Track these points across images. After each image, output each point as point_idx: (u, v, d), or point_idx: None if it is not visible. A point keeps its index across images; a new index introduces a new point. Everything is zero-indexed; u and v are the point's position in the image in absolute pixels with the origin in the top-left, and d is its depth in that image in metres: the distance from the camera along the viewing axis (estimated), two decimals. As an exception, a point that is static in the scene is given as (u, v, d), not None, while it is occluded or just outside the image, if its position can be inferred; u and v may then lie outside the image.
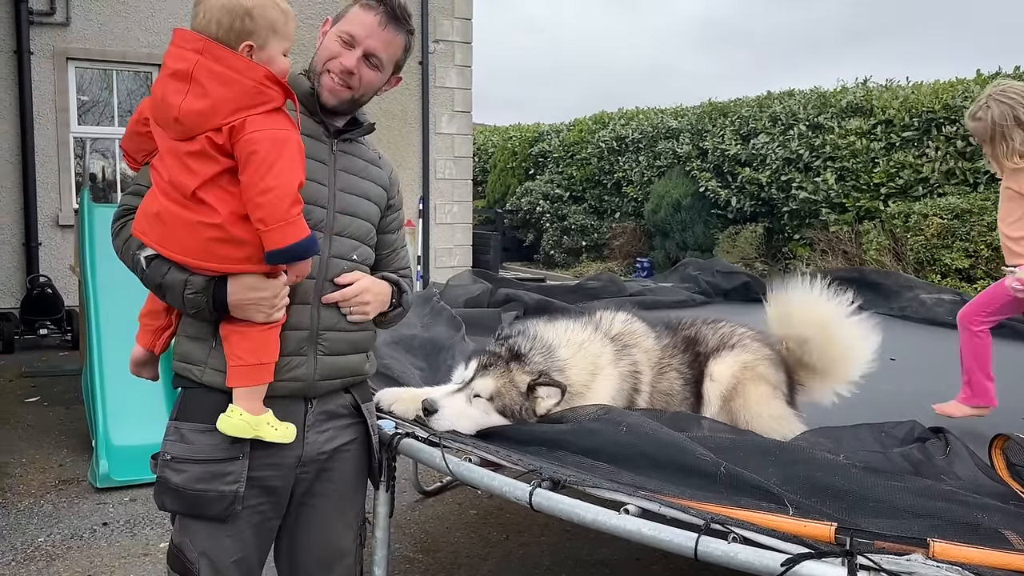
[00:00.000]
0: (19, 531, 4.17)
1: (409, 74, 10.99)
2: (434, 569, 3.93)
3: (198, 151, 1.76)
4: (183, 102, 1.73)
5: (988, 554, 1.55)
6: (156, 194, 1.82)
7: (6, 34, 8.85)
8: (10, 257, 9.07)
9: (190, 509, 1.96)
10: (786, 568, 1.57)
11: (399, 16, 2.09)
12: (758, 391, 2.67)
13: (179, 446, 1.95)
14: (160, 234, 1.80)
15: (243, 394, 1.90)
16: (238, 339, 1.88)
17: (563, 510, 1.85)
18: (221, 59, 1.76)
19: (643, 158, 15.29)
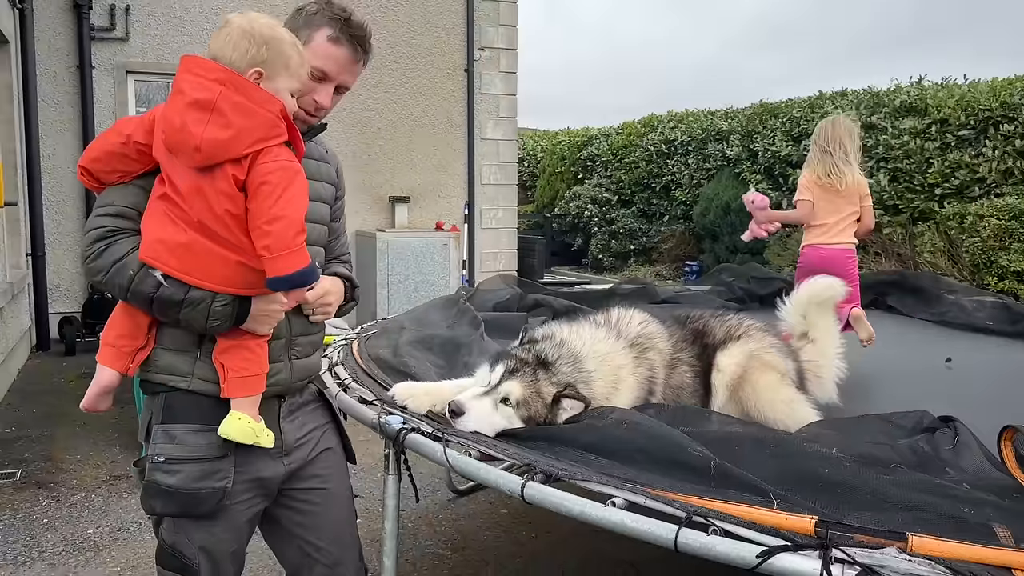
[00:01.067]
0: (70, 523, 4.38)
1: (455, 81, 11.15)
2: (462, 566, 4.00)
3: (226, 191, 1.82)
4: (205, 131, 1.78)
5: (967, 548, 1.55)
6: (178, 226, 1.84)
7: (70, 50, 9.25)
8: (73, 264, 9.45)
9: (183, 509, 1.98)
10: (761, 560, 1.59)
11: (366, 47, 2.14)
12: (766, 378, 2.68)
13: (172, 447, 1.97)
14: (188, 264, 1.85)
15: (245, 403, 1.98)
16: (237, 352, 1.97)
17: (553, 502, 1.90)
18: (243, 90, 1.82)
19: (692, 161, 15.19)
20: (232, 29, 1.88)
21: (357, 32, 2.10)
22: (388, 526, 2.43)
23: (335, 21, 2.07)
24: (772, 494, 1.78)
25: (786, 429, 2.53)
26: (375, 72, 10.51)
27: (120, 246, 1.89)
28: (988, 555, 1.53)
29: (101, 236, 1.90)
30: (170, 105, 1.84)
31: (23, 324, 8.22)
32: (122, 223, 1.92)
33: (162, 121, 1.84)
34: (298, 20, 2.11)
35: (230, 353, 1.96)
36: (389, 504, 2.42)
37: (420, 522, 4.49)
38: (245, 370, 1.97)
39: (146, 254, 1.86)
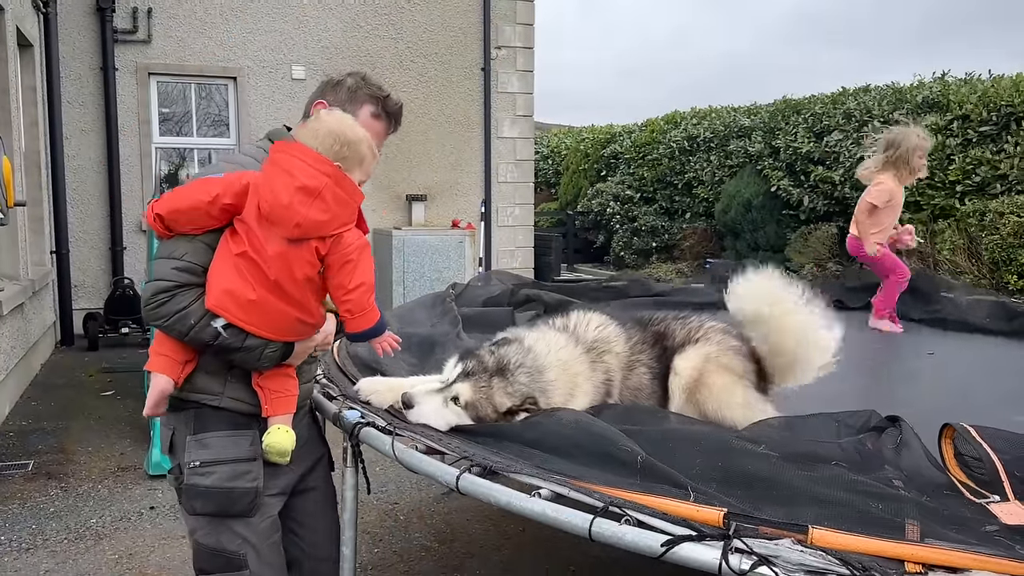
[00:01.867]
0: (75, 512, 4.54)
1: (471, 80, 11.23)
2: (448, 558, 4.09)
3: (308, 259, 2.12)
4: (308, 212, 2.08)
5: (862, 541, 1.59)
6: (248, 283, 2.10)
7: (93, 52, 9.50)
8: (98, 260, 9.72)
9: (220, 507, 2.23)
10: (665, 549, 1.65)
11: (400, 122, 2.51)
12: (722, 380, 2.69)
13: (205, 452, 2.23)
14: (253, 317, 2.12)
15: (283, 420, 2.30)
16: (275, 378, 2.30)
17: (483, 493, 1.97)
18: (343, 185, 2.14)
19: (714, 157, 15.11)
20: (321, 127, 2.18)
21: (394, 109, 2.47)
22: (347, 517, 2.51)
23: (376, 99, 2.42)
24: (690, 487, 1.83)
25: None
26: (393, 71, 10.64)
27: (182, 298, 2.11)
28: (882, 548, 1.57)
29: (166, 289, 2.12)
30: (278, 182, 2.10)
31: (47, 320, 8.47)
32: (187, 278, 2.13)
33: (267, 194, 2.09)
34: (340, 94, 2.43)
35: (270, 379, 2.28)
36: (348, 496, 2.51)
37: (412, 515, 4.59)
38: (285, 391, 2.30)
39: (214, 303, 2.10)
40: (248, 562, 2.27)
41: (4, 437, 5.81)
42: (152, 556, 4.02)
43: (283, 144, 2.18)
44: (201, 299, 2.11)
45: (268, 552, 2.32)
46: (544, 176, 20.99)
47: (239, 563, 2.26)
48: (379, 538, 4.29)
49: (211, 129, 10.42)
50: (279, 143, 2.20)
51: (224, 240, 2.13)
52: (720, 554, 1.60)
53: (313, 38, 10.41)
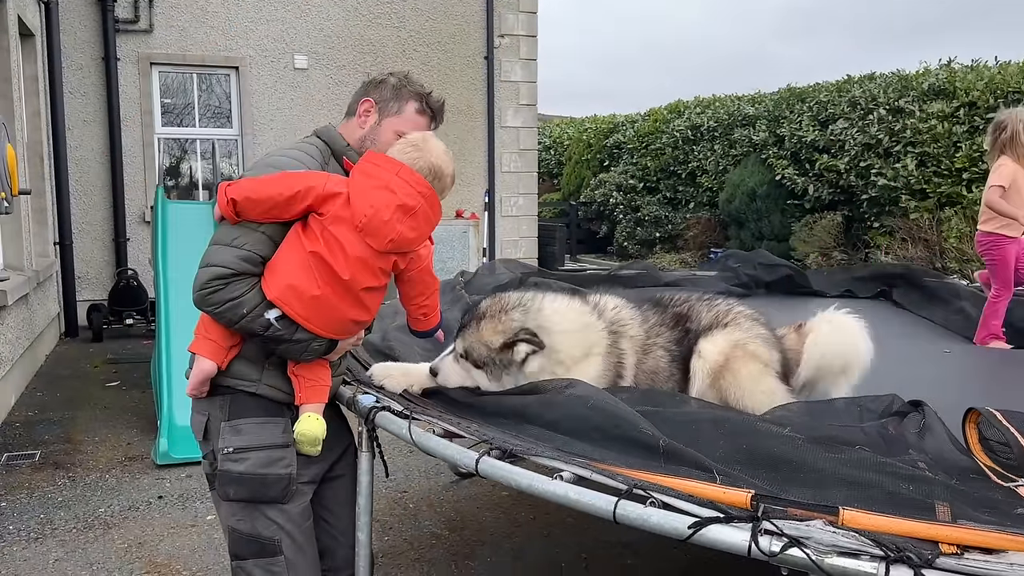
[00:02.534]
0: (83, 502, 4.52)
1: (474, 69, 11.18)
2: (459, 545, 4.06)
3: (385, 269, 2.25)
4: (403, 229, 2.19)
5: (896, 523, 1.56)
6: (314, 280, 2.15)
7: (95, 42, 9.44)
8: (101, 252, 9.69)
9: (254, 493, 2.26)
10: (693, 531, 1.62)
11: (442, 118, 2.57)
12: (748, 368, 2.66)
13: (238, 439, 2.26)
14: (311, 313, 2.18)
15: (315, 408, 2.34)
16: (315, 368, 2.35)
17: (504, 476, 1.94)
18: (433, 206, 2.27)
19: (718, 147, 15.05)
20: (421, 155, 2.29)
21: (437, 106, 2.53)
22: (362, 502, 2.49)
23: (420, 96, 2.48)
24: (716, 470, 1.80)
25: None
26: (395, 60, 10.58)
27: (237, 286, 2.15)
28: (916, 529, 1.55)
29: (223, 276, 2.15)
30: (377, 197, 2.18)
31: (51, 311, 8.44)
32: (246, 267, 2.17)
33: (365, 207, 2.17)
34: (385, 92, 2.47)
35: (306, 368, 2.32)
36: (363, 480, 2.48)
37: (421, 503, 4.56)
38: (318, 380, 2.35)
39: (277, 296, 2.15)
40: (283, 548, 2.30)
41: (11, 428, 5.79)
42: (161, 545, 4.00)
43: (381, 157, 2.25)
44: (255, 289, 2.15)
45: (302, 538, 2.35)
46: (547, 166, 20.93)
47: (274, 549, 2.29)
48: (389, 526, 4.27)
49: (213, 119, 10.37)
50: (373, 155, 2.28)
51: (295, 235, 2.18)
52: (749, 536, 1.57)
53: (315, 27, 10.34)
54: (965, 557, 1.48)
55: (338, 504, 2.58)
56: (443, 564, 3.87)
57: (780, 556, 1.55)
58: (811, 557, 1.51)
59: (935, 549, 1.50)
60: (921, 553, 1.48)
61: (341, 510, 2.58)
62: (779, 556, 1.54)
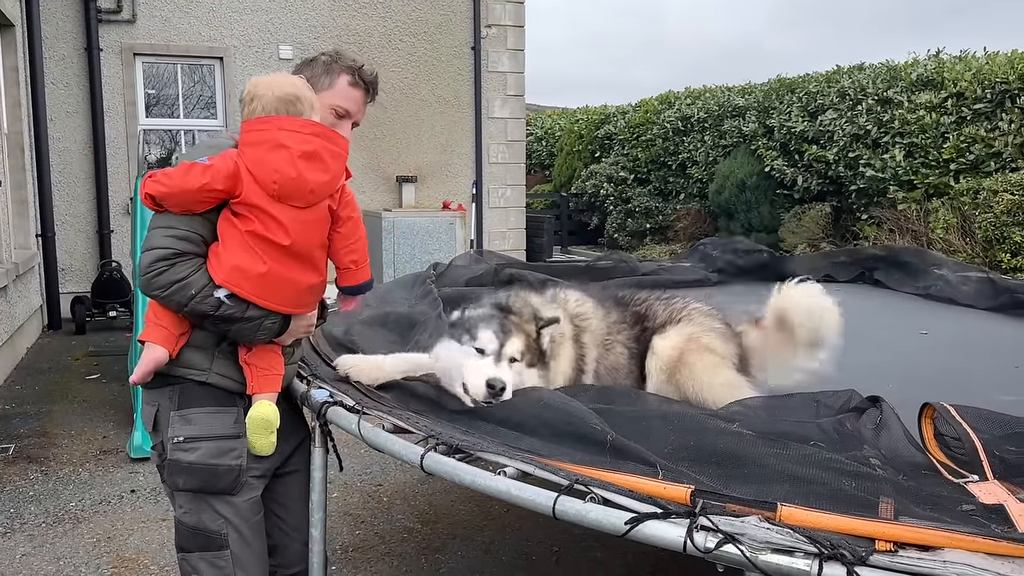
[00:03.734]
0: (54, 496, 4.49)
1: (462, 59, 11.12)
2: (431, 539, 4.05)
3: (323, 219, 2.19)
4: (315, 176, 2.13)
5: (833, 519, 1.53)
6: (258, 256, 2.11)
7: (77, 32, 9.37)
8: (85, 244, 9.64)
9: (204, 484, 2.21)
10: (630, 527, 1.60)
11: (376, 90, 2.51)
12: (703, 361, 2.63)
13: (189, 428, 2.22)
14: (261, 290, 2.14)
15: (268, 398, 2.29)
16: (263, 355, 2.28)
17: (448, 472, 1.92)
18: (333, 140, 2.20)
19: (708, 138, 15.00)
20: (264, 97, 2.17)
21: (370, 78, 2.48)
22: (315, 497, 2.46)
23: (351, 70, 2.44)
24: (660, 465, 1.78)
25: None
26: (381, 51, 10.52)
27: (181, 268, 2.10)
28: (853, 525, 1.52)
29: (165, 257, 2.10)
30: (276, 158, 2.11)
31: (32, 304, 8.39)
32: (185, 246, 2.12)
33: (270, 172, 2.10)
34: (316, 68, 2.42)
35: (257, 356, 2.27)
36: (316, 476, 2.46)
37: (396, 496, 4.55)
38: (270, 369, 2.29)
39: (224, 279, 2.11)
40: (229, 541, 2.25)
41: (-14, 421, 5.76)
42: (130, 539, 3.97)
43: (256, 121, 2.16)
44: (201, 270, 2.11)
45: (249, 533, 2.29)
46: (538, 158, 20.88)
47: (220, 542, 2.24)
48: (361, 520, 4.25)
49: (198, 110, 10.31)
50: (250, 122, 2.19)
51: (225, 221, 2.14)
52: (685, 532, 1.55)
53: (300, 17, 10.28)
54: (899, 554, 1.45)
55: (291, 499, 2.54)
56: (413, 558, 3.85)
57: (715, 553, 1.52)
58: (745, 554, 1.49)
59: (870, 546, 1.48)
60: (855, 550, 1.46)
61: (294, 505, 2.55)
62: (714, 552, 1.52)
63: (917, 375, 3.39)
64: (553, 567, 3.76)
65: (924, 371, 3.48)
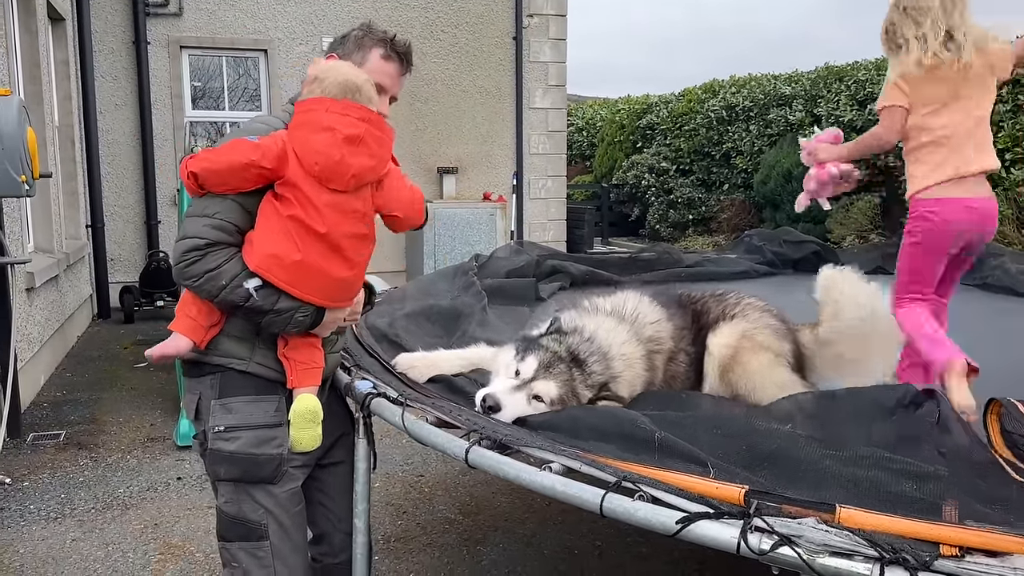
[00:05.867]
0: (103, 482, 4.57)
1: (503, 50, 11.06)
2: (472, 530, 4.03)
3: (362, 207, 2.16)
4: (359, 161, 2.10)
5: (894, 522, 1.48)
6: (294, 243, 2.07)
7: (125, 25, 9.50)
8: (133, 235, 9.80)
9: (245, 473, 2.20)
10: (681, 527, 1.55)
11: (411, 60, 2.44)
12: (758, 359, 2.55)
13: (230, 417, 2.21)
14: (295, 278, 2.09)
15: (308, 391, 2.25)
16: (302, 349, 2.25)
17: (491, 466, 1.90)
18: (379, 126, 2.16)
19: (753, 127, 14.77)
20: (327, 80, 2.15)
21: (402, 49, 2.40)
22: (359, 488, 2.45)
23: (383, 42, 2.36)
24: (711, 464, 1.73)
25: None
26: (424, 42, 10.51)
27: (214, 257, 2.08)
28: (916, 529, 1.46)
29: (198, 247, 2.08)
30: (320, 140, 2.08)
31: (82, 293, 8.56)
32: (220, 236, 2.10)
33: (313, 154, 2.08)
34: (347, 46, 2.37)
35: (296, 350, 2.23)
36: (360, 467, 2.45)
37: (437, 487, 4.54)
38: (310, 362, 2.25)
39: (258, 265, 2.07)
40: (269, 532, 2.23)
41: (38, 408, 5.88)
42: (177, 526, 4.02)
43: (308, 102, 2.14)
44: (234, 259, 2.09)
45: (290, 524, 2.28)
46: (579, 149, 20.75)
47: (260, 533, 2.23)
48: (403, 510, 4.25)
49: (243, 102, 10.41)
50: (301, 103, 2.17)
51: (268, 204, 2.11)
52: (739, 533, 1.50)
53: (343, 9, 10.30)
54: (966, 560, 1.39)
55: (336, 490, 2.54)
56: (455, 549, 3.84)
57: (770, 555, 1.47)
58: (802, 556, 1.44)
59: (934, 550, 1.42)
60: (919, 554, 1.40)
61: (339, 496, 2.54)
62: (769, 554, 1.47)
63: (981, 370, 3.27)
64: (596, 561, 3.72)
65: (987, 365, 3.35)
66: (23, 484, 4.52)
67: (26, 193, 4.61)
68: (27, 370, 5.84)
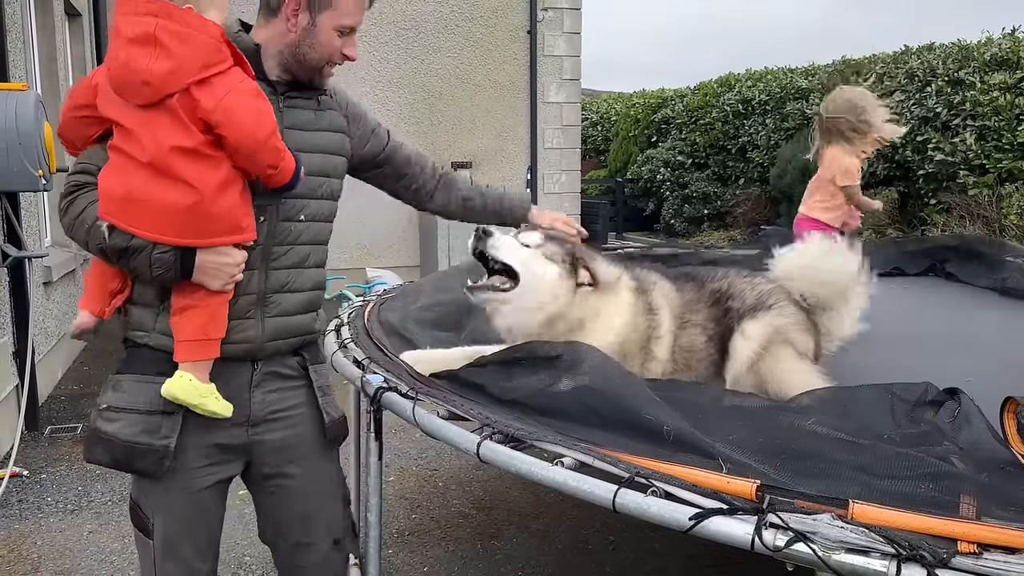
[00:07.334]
0: (120, 475, 4.55)
1: (517, 44, 11.04)
2: (486, 525, 4.03)
3: (175, 122, 1.79)
4: (150, 65, 1.76)
5: (910, 518, 1.45)
6: (121, 175, 1.82)
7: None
8: (149, 229, 9.85)
9: (121, 461, 1.96)
10: (694, 522, 1.54)
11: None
12: (787, 354, 2.55)
13: (115, 395, 1.98)
14: (132, 216, 1.82)
15: (191, 366, 1.93)
16: (190, 314, 1.92)
17: (503, 461, 1.88)
18: (177, 18, 1.79)
19: (770, 121, 14.66)
20: None
21: None
22: (371, 483, 2.45)
23: None
24: (722, 458, 1.71)
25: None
26: (437, 36, 10.50)
27: (80, 201, 1.91)
28: (932, 525, 1.44)
29: (67, 192, 1.94)
30: (111, 49, 1.82)
31: (100, 287, 8.61)
32: (84, 179, 1.93)
33: (107, 67, 1.84)
34: None
35: (184, 315, 1.93)
36: (372, 461, 2.44)
37: (451, 482, 4.55)
38: (198, 334, 1.93)
39: (101, 210, 1.86)
40: (153, 532, 2.02)
41: (55, 401, 5.93)
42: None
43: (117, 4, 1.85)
44: (96, 203, 1.87)
45: (177, 532, 2.02)
46: (593, 143, 20.69)
47: (147, 528, 2.02)
48: (417, 504, 4.26)
49: (258, 97, 10.42)
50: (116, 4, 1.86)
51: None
52: (753, 529, 1.48)
53: (357, 3, 10.31)
54: (984, 557, 1.37)
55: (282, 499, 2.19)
56: (469, 543, 3.84)
57: (785, 551, 1.45)
58: (817, 553, 1.42)
59: (952, 547, 1.39)
60: (936, 551, 1.37)
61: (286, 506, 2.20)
62: (784, 551, 1.45)
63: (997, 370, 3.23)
64: (609, 556, 3.71)
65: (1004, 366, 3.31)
66: (41, 476, 4.56)
67: (43, 187, 4.63)
68: (44, 363, 5.89)
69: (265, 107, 1.89)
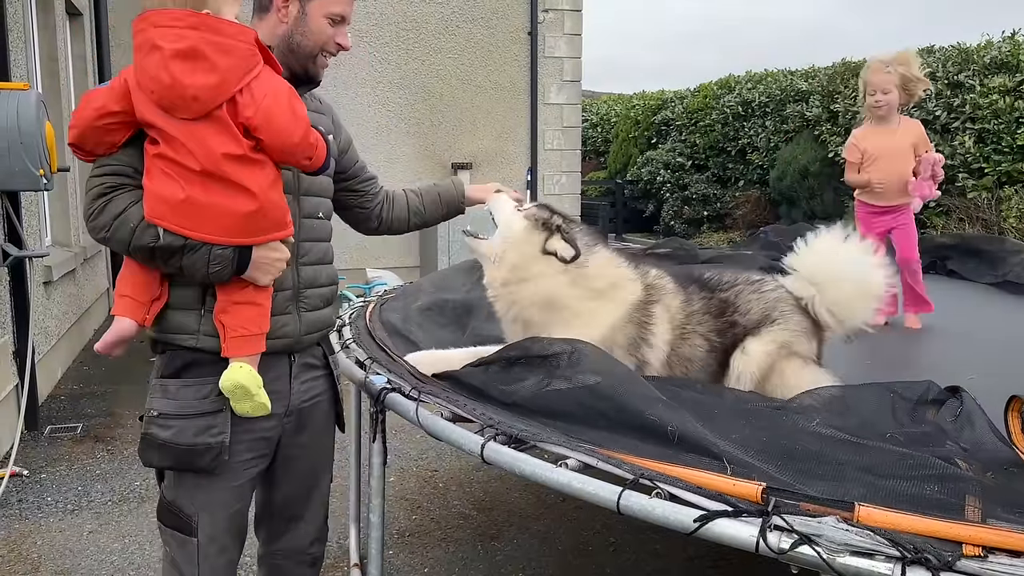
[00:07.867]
0: (120, 475, 4.60)
1: (518, 45, 11.03)
2: (486, 526, 4.03)
3: (223, 132, 1.83)
4: (196, 80, 1.79)
5: (915, 520, 1.46)
6: (176, 183, 1.84)
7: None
8: (149, 229, 9.84)
9: (178, 463, 2.03)
10: (699, 525, 1.54)
11: None
12: (792, 367, 2.54)
13: (165, 402, 2.03)
14: (190, 219, 1.86)
15: (247, 361, 1.98)
16: (239, 310, 1.98)
17: (507, 463, 1.89)
18: (218, 30, 1.82)
19: (770, 123, 14.67)
20: None
21: None
22: (374, 484, 2.45)
23: None
24: (727, 459, 1.72)
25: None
26: (438, 37, 10.50)
27: (119, 201, 1.91)
28: (937, 528, 1.44)
29: (101, 193, 1.92)
30: (150, 64, 1.82)
31: (99, 286, 8.61)
32: (118, 180, 1.93)
33: (147, 81, 1.83)
34: None
35: (230, 311, 1.98)
36: (375, 462, 2.44)
37: (451, 482, 4.54)
38: (245, 328, 1.98)
39: (151, 214, 1.87)
40: (198, 529, 2.07)
41: (55, 401, 5.93)
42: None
43: (138, 20, 1.86)
44: (140, 202, 1.90)
45: (222, 524, 2.11)
46: (593, 144, 20.69)
47: (190, 528, 2.07)
48: (418, 505, 4.26)
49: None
50: (133, 22, 1.88)
51: (146, 148, 1.91)
52: (758, 531, 1.49)
53: (359, 5, 10.19)
54: (989, 560, 1.37)
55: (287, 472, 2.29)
56: (469, 544, 3.84)
57: (790, 554, 1.46)
58: (822, 556, 1.42)
59: (957, 550, 1.40)
60: (941, 554, 1.38)
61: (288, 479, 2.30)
62: (789, 554, 1.46)
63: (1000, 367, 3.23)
64: (610, 557, 3.71)
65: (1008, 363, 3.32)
66: (40, 476, 4.56)
67: (44, 187, 4.63)
68: (44, 363, 5.89)
69: (299, 108, 1.95)
